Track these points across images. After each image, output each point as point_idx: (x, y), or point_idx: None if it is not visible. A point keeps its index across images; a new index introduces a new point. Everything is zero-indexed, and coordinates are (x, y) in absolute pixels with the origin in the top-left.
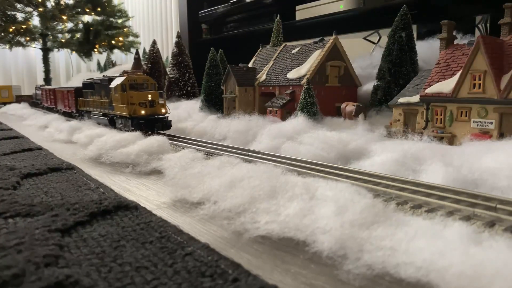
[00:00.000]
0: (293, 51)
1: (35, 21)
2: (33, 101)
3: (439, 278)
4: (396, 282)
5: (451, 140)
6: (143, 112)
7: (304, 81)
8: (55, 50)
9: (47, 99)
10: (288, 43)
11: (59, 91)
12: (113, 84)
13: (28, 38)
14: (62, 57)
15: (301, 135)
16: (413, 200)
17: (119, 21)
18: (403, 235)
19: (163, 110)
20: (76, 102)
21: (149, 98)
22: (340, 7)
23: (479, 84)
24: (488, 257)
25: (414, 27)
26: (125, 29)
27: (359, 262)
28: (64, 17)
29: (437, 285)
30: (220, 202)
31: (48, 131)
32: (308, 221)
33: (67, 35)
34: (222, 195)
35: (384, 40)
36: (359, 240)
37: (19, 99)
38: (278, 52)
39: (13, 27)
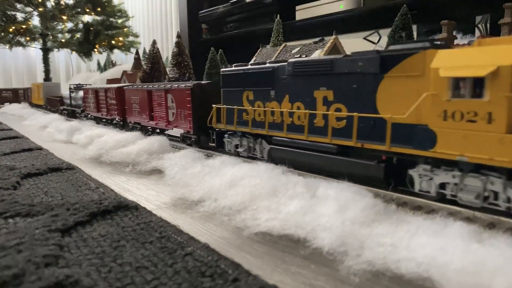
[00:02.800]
0: (293, 51)
1: (35, 21)
2: (64, 109)
3: (439, 274)
4: (397, 278)
5: None
6: None
7: None
8: (55, 50)
9: (99, 105)
10: (288, 43)
11: (135, 92)
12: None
13: (28, 38)
14: (62, 57)
15: None
16: (413, 202)
17: (119, 21)
18: (404, 233)
19: None
20: (199, 113)
21: None
22: (340, 7)
23: None
24: (489, 254)
25: (414, 27)
26: (125, 29)
27: (360, 258)
28: (64, 17)
29: (438, 281)
30: (221, 200)
31: (48, 131)
32: (309, 219)
33: (67, 35)
34: (223, 193)
35: (384, 40)
36: (360, 237)
37: (52, 103)
38: (278, 52)
39: (13, 27)
